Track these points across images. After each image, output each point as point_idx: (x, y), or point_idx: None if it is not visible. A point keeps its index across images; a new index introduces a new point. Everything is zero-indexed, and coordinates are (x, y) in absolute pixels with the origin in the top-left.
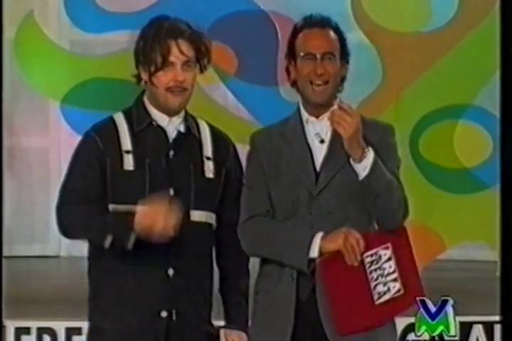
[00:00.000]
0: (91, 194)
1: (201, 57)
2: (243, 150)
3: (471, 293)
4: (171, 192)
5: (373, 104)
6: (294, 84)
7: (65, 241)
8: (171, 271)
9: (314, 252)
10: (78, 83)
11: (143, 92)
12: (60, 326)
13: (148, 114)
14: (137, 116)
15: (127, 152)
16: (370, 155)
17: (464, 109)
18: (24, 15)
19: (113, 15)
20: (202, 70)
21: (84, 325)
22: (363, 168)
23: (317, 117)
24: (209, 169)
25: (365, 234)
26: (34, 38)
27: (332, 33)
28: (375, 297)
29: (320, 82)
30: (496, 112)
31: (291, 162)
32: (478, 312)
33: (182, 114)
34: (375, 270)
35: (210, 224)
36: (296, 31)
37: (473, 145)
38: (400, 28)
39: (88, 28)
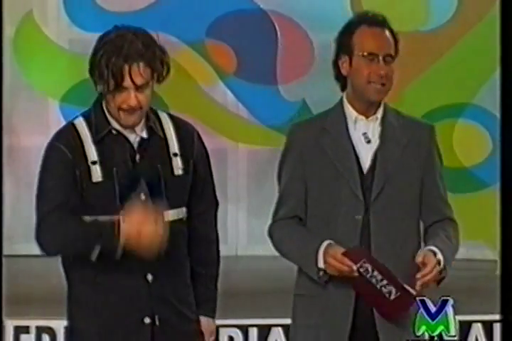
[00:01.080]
0: (70, 206)
1: (159, 73)
2: (244, 150)
3: (471, 291)
4: (142, 197)
5: None
6: (338, 77)
7: None
8: (149, 277)
9: (320, 263)
10: (77, 82)
11: (102, 94)
12: (59, 325)
13: (108, 121)
14: (97, 123)
15: (94, 163)
16: (444, 266)
17: (464, 108)
18: (23, 14)
19: (112, 14)
20: (159, 81)
21: None
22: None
23: (367, 117)
24: (177, 166)
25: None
26: (33, 37)
27: (389, 34)
28: (387, 295)
29: (380, 83)
30: (496, 111)
31: (334, 159)
32: (477, 311)
33: (143, 119)
34: (371, 277)
35: (182, 218)
36: (352, 27)
37: (473, 144)
38: (399, 27)
39: (87, 27)
